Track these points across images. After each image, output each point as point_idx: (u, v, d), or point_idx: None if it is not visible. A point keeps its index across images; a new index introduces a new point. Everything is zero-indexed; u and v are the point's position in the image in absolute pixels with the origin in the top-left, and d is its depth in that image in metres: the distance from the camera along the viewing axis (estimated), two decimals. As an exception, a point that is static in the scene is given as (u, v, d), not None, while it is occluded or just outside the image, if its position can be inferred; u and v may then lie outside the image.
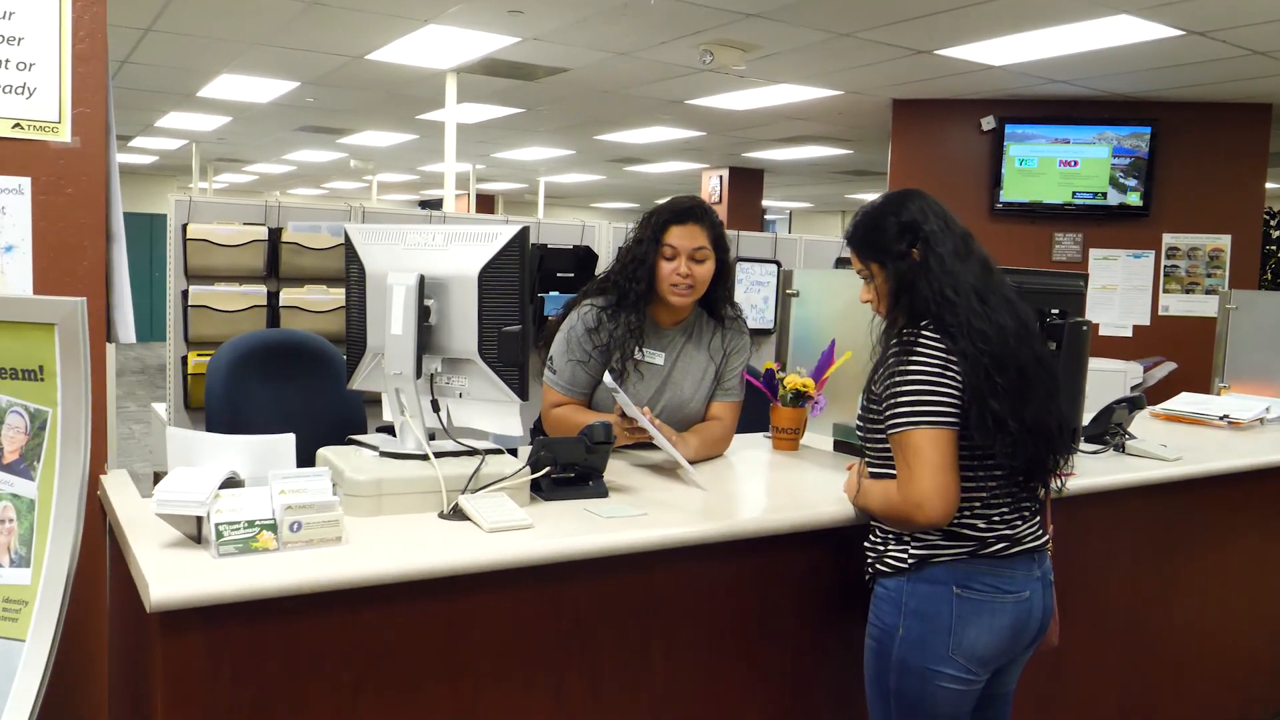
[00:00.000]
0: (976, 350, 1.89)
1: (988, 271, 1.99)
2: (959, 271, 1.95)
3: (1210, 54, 5.98)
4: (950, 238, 1.98)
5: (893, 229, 2.01)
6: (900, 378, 1.91)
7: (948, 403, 1.89)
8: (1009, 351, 1.91)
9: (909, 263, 1.99)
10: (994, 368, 1.88)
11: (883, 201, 2.07)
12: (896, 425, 1.91)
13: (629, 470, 2.48)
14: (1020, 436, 1.90)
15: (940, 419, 1.88)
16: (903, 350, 1.94)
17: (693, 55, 6.43)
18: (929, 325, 1.95)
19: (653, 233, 2.59)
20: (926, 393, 1.89)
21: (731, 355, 2.75)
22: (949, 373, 1.89)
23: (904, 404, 1.90)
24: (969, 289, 1.94)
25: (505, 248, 2.05)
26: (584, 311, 2.65)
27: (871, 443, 2.05)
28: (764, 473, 2.66)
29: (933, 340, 1.92)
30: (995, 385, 1.88)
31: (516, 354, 2.07)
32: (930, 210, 2.01)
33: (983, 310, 1.92)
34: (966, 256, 1.98)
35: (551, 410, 2.65)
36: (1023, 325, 1.96)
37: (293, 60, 7.20)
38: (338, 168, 15.16)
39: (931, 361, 1.90)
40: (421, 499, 1.98)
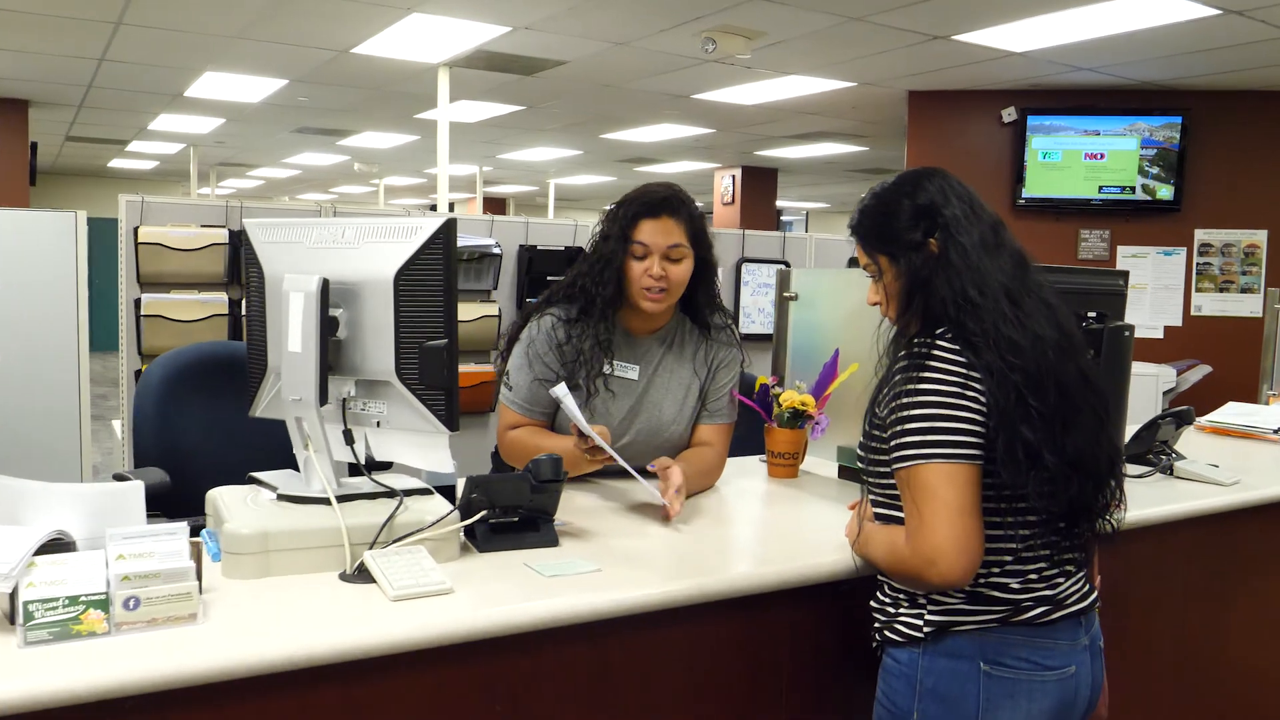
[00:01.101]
0: (1005, 365, 1.51)
1: (1022, 268, 1.61)
2: (986, 267, 1.57)
3: (1247, 36, 5.55)
4: (976, 225, 1.60)
5: (906, 214, 1.63)
6: (909, 399, 1.53)
7: (969, 430, 1.51)
8: (1047, 367, 1.53)
9: (925, 255, 1.61)
10: (1028, 387, 1.50)
11: (895, 181, 1.69)
12: (905, 459, 1.53)
13: (593, 506, 2.10)
14: (1059, 473, 1.51)
15: (959, 451, 1.50)
16: (913, 364, 1.56)
17: (695, 44, 6.05)
18: (946, 333, 1.57)
19: (620, 228, 2.22)
20: (942, 418, 1.51)
21: (719, 370, 2.37)
22: (970, 393, 1.52)
23: (914, 431, 1.52)
24: (998, 289, 1.55)
25: (426, 245, 1.68)
26: (544, 321, 2.27)
27: (875, 477, 1.67)
28: (755, 507, 2.27)
29: (950, 352, 1.55)
30: (1029, 409, 1.50)
31: (441, 374, 1.69)
32: (952, 191, 1.63)
33: (1014, 315, 1.54)
34: (996, 249, 1.60)
35: (508, 433, 2.27)
36: (1064, 335, 1.58)
37: (277, 55, 6.87)
38: (343, 172, 14.85)
39: (948, 379, 1.52)
40: (321, 556, 1.61)
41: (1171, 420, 2.78)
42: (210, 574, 1.55)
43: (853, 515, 1.82)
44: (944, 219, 1.60)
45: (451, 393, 1.70)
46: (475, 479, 1.75)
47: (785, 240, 5.58)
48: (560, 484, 1.79)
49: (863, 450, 1.70)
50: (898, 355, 1.61)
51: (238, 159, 13.85)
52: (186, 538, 1.43)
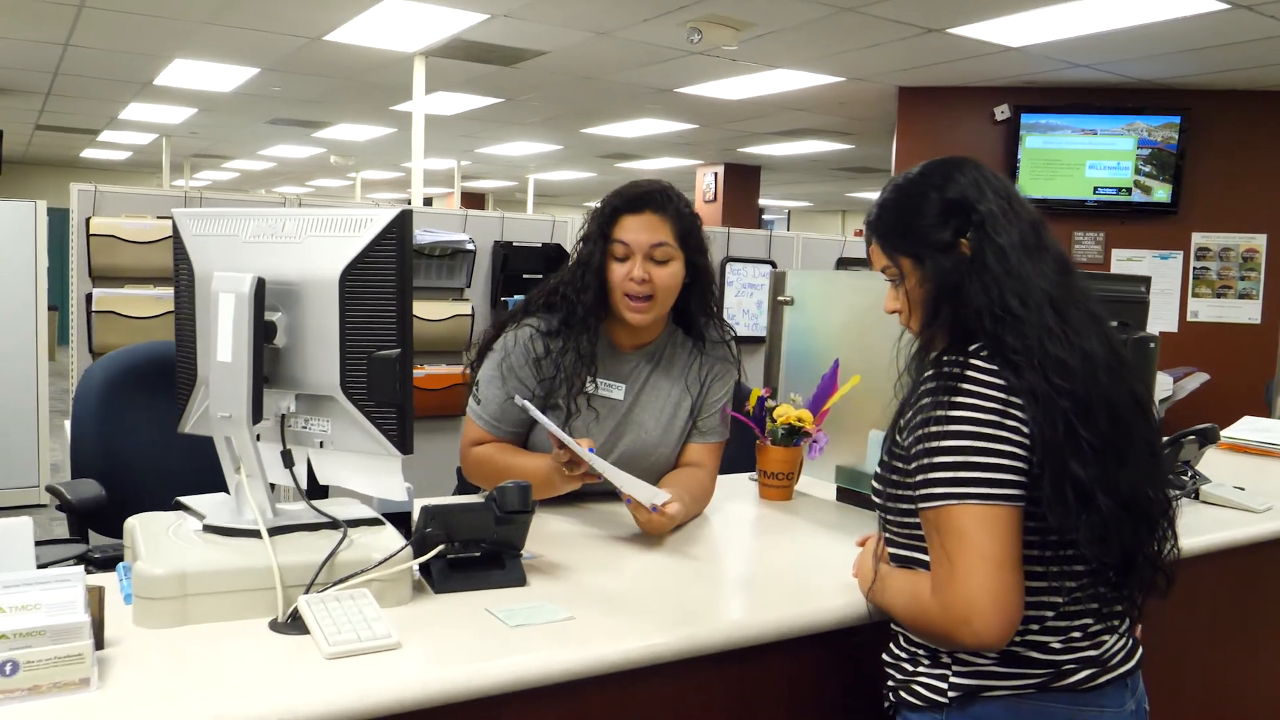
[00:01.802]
0: (1052, 388, 1.29)
1: (1066, 274, 1.40)
2: (1027, 272, 1.36)
3: (1252, 32, 5.38)
4: (1016, 224, 1.39)
5: (934, 209, 1.42)
6: (938, 427, 1.32)
7: (1009, 466, 1.29)
8: (1098, 391, 1.32)
9: (956, 258, 1.40)
10: (1078, 415, 1.30)
11: (921, 172, 1.47)
12: (933, 497, 1.32)
13: (568, 533, 1.88)
14: (1113, 516, 1.30)
15: (997, 491, 1.29)
16: (943, 386, 1.34)
17: (679, 35, 5.83)
18: (981, 350, 1.36)
19: (600, 226, 2.00)
20: (977, 451, 1.30)
21: (712, 385, 2.15)
22: (1010, 421, 1.30)
23: (944, 466, 1.31)
24: (1041, 298, 1.34)
25: (377, 240, 1.46)
26: (522, 332, 2.05)
27: (894, 514, 1.45)
28: (746, 537, 2.06)
29: (986, 373, 1.33)
30: (1079, 441, 1.29)
31: (393, 389, 1.47)
32: (988, 184, 1.42)
33: (1061, 329, 1.33)
34: (1038, 252, 1.39)
35: (472, 449, 2.05)
36: (1115, 353, 1.38)
37: (247, 42, 6.60)
38: (319, 164, 14.55)
39: (984, 404, 1.31)
40: (250, 600, 1.38)
41: (1195, 438, 2.58)
42: (120, 621, 1.33)
43: (862, 552, 1.61)
44: (978, 216, 1.39)
45: (404, 410, 1.48)
46: (431, 509, 1.52)
47: (771, 239, 5.37)
48: (529, 515, 1.57)
49: (880, 482, 1.48)
50: (923, 374, 1.39)
51: (212, 151, 13.53)
52: (82, 585, 1.20)
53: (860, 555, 1.62)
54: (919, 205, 1.43)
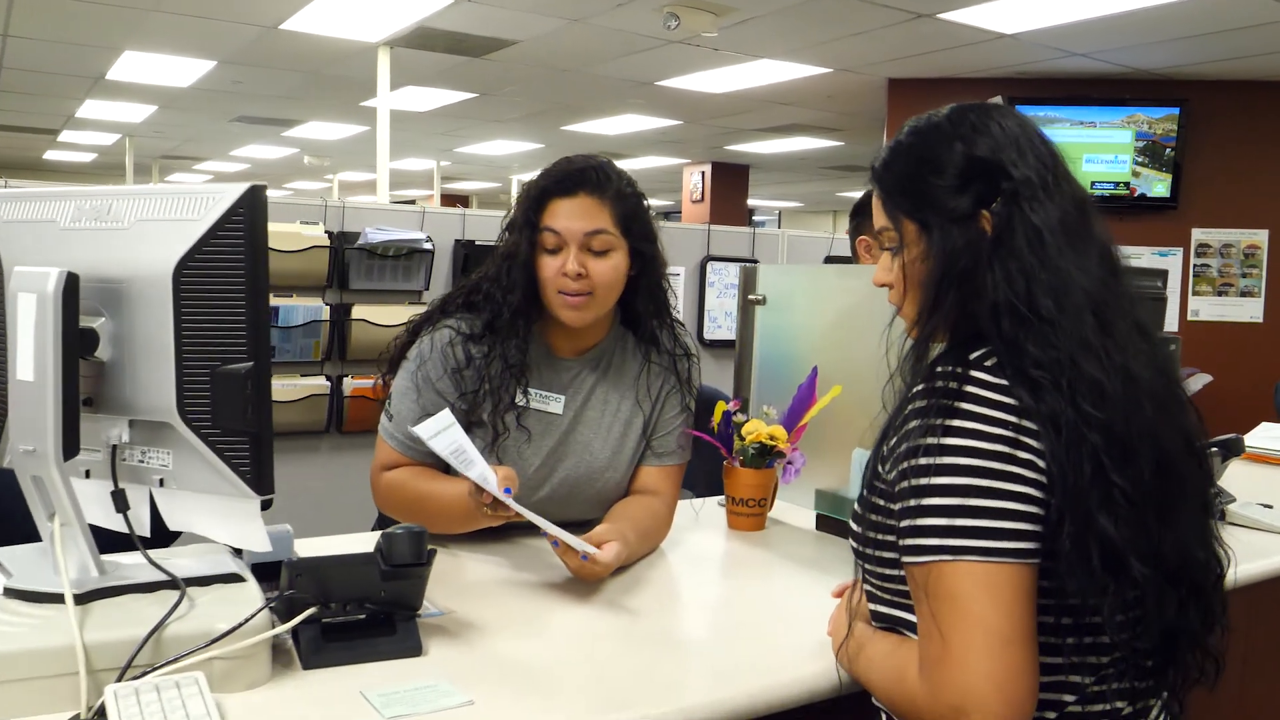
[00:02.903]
0: (1080, 418, 0.99)
1: (1113, 273, 1.09)
2: (1067, 266, 1.05)
3: (1251, 17, 5.11)
4: (1058, 199, 1.08)
5: (955, 166, 1.11)
6: (929, 459, 1.01)
7: (1019, 513, 0.99)
8: (1141, 427, 1.02)
9: (972, 234, 1.09)
10: (1112, 454, 0.99)
11: (951, 116, 1.15)
12: (921, 550, 1.01)
13: (488, 579, 1.57)
14: (1151, 587, 1.01)
15: (1004, 545, 0.99)
16: (937, 404, 1.03)
17: (656, 22, 5.52)
18: (988, 357, 1.05)
19: (526, 212, 1.69)
20: (979, 491, 0.99)
21: (668, 398, 1.84)
22: (1022, 454, 1.00)
23: (936, 511, 1.00)
24: (1082, 301, 1.04)
25: (220, 225, 1.14)
26: (439, 335, 1.74)
27: (875, 562, 1.14)
28: (704, 580, 1.74)
29: (994, 389, 1.02)
30: (1111, 489, 0.99)
31: (242, 412, 1.16)
32: (1031, 145, 1.11)
33: (1101, 345, 1.02)
34: (1083, 239, 1.08)
35: (383, 474, 1.74)
36: (1167, 381, 1.08)
37: (199, 32, 6.26)
38: (294, 166, 14.20)
39: (990, 432, 1.00)
40: (52, 690, 1.07)
41: (1219, 451, 2.28)
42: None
43: (838, 606, 1.30)
44: (1010, 184, 1.08)
45: (260, 441, 1.17)
46: (298, 562, 1.21)
47: (755, 237, 5.06)
48: (425, 568, 1.25)
49: (858, 523, 1.17)
50: (913, 386, 1.08)
51: (180, 151, 13.16)
52: None
53: (836, 610, 1.32)
54: (937, 157, 1.11)
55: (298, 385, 3.86)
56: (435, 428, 1.52)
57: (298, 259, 3.76)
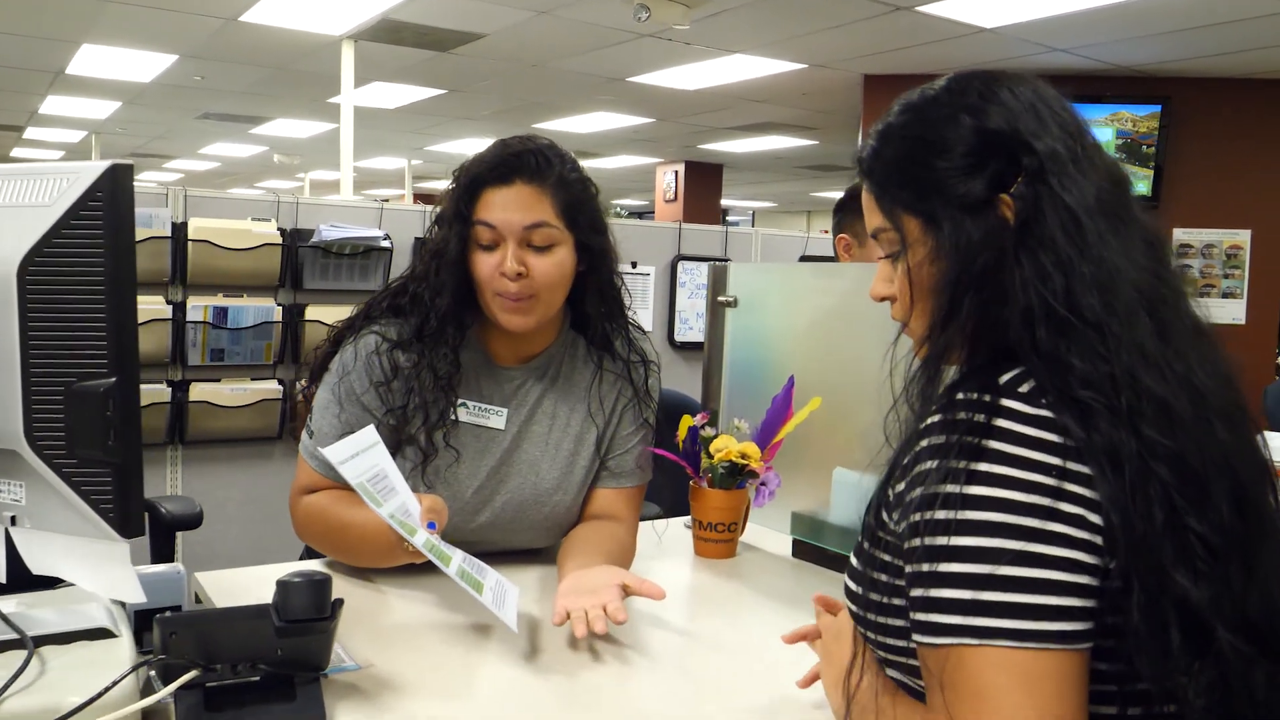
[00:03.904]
0: (1145, 448, 0.80)
1: (1161, 262, 0.90)
2: (1109, 254, 0.86)
3: (1232, 12, 4.99)
4: (1093, 174, 0.89)
5: (964, 143, 0.91)
6: (950, 513, 0.81)
7: (1067, 585, 0.79)
8: (1217, 455, 0.83)
9: (992, 223, 0.89)
10: (1187, 494, 0.80)
11: (950, 86, 0.96)
12: (937, 630, 0.81)
13: (417, 620, 1.38)
14: (1239, 660, 0.80)
15: (1045, 627, 0.78)
16: (960, 446, 0.83)
17: (626, 14, 5.33)
18: (1022, 380, 0.85)
19: (456, 204, 1.50)
20: (1014, 557, 0.79)
21: (625, 412, 1.66)
22: (1069, 508, 0.80)
23: (958, 580, 0.80)
24: (1133, 298, 0.85)
25: (75, 212, 0.95)
26: (363, 344, 1.55)
27: (879, 630, 0.93)
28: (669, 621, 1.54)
29: (1033, 423, 0.82)
30: (1188, 538, 0.79)
31: (102, 438, 0.96)
32: (1051, 112, 0.92)
33: (1161, 353, 0.84)
34: (1124, 222, 0.89)
35: (302, 500, 1.55)
36: (1232, 392, 0.88)
37: (157, 24, 6.03)
38: (265, 164, 13.94)
39: (1029, 480, 0.80)
40: None
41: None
42: None
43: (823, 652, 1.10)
44: (1034, 159, 0.88)
45: (126, 473, 0.97)
46: (173, 617, 1.01)
47: (728, 235, 4.89)
48: (328, 623, 1.06)
49: (856, 581, 0.97)
50: (928, 415, 0.88)
51: (148, 149, 12.88)
52: None
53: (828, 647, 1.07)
54: (940, 135, 0.92)
55: (248, 390, 3.66)
56: (353, 448, 1.33)
57: (248, 257, 3.56)
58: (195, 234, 3.40)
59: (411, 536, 1.29)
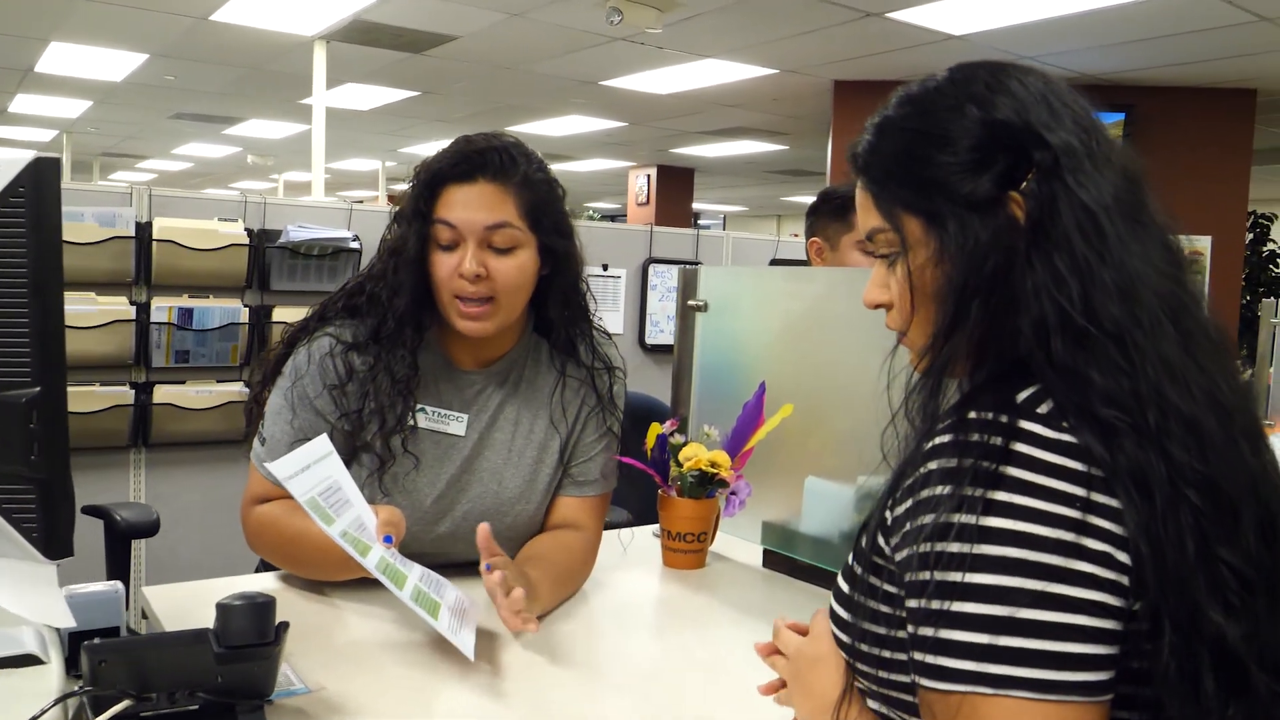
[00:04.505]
0: (1178, 475, 0.74)
1: (1178, 265, 0.83)
2: (1130, 258, 0.79)
3: (1197, 21, 5.03)
4: (1109, 170, 0.83)
5: (970, 136, 0.83)
6: (962, 547, 0.74)
7: (1088, 630, 0.72)
8: (1244, 478, 0.77)
9: (1001, 223, 0.82)
10: (1219, 520, 0.74)
11: (954, 77, 0.88)
12: (945, 675, 0.74)
13: (369, 637, 1.32)
14: (1274, 696, 0.74)
15: (1066, 677, 0.72)
16: (974, 471, 0.75)
17: (598, 17, 5.30)
18: (1039, 400, 0.78)
19: (416, 200, 1.45)
20: (1033, 598, 0.72)
21: (589, 419, 1.61)
22: (1093, 544, 0.73)
23: (969, 621, 0.73)
24: (1155, 305, 0.78)
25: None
26: (317, 346, 1.50)
27: (871, 661, 0.85)
28: (635, 636, 1.50)
29: (1054, 448, 0.75)
30: (1220, 572, 0.74)
31: (24, 453, 0.90)
32: (1064, 104, 0.85)
33: (1184, 365, 0.77)
34: (1141, 225, 0.82)
35: (254, 509, 1.49)
36: (1249, 406, 0.83)
37: (127, 23, 5.93)
38: (238, 165, 13.79)
39: (1050, 512, 0.73)
40: None
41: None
42: None
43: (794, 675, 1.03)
44: (1047, 153, 0.81)
45: (51, 490, 0.92)
46: (102, 645, 0.95)
47: (699, 239, 4.85)
48: (272, 648, 1.01)
49: (846, 607, 0.89)
50: (933, 434, 0.80)
51: (120, 149, 12.73)
52: None
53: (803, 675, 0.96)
54: (944, 128, 0.85)
55: (214, 392, 3.58)
56: (304, 460, 1.28)
57: (214, 258, 3.48)
58: (160, 234, 3.32)
59: (365, 555, 1.23)
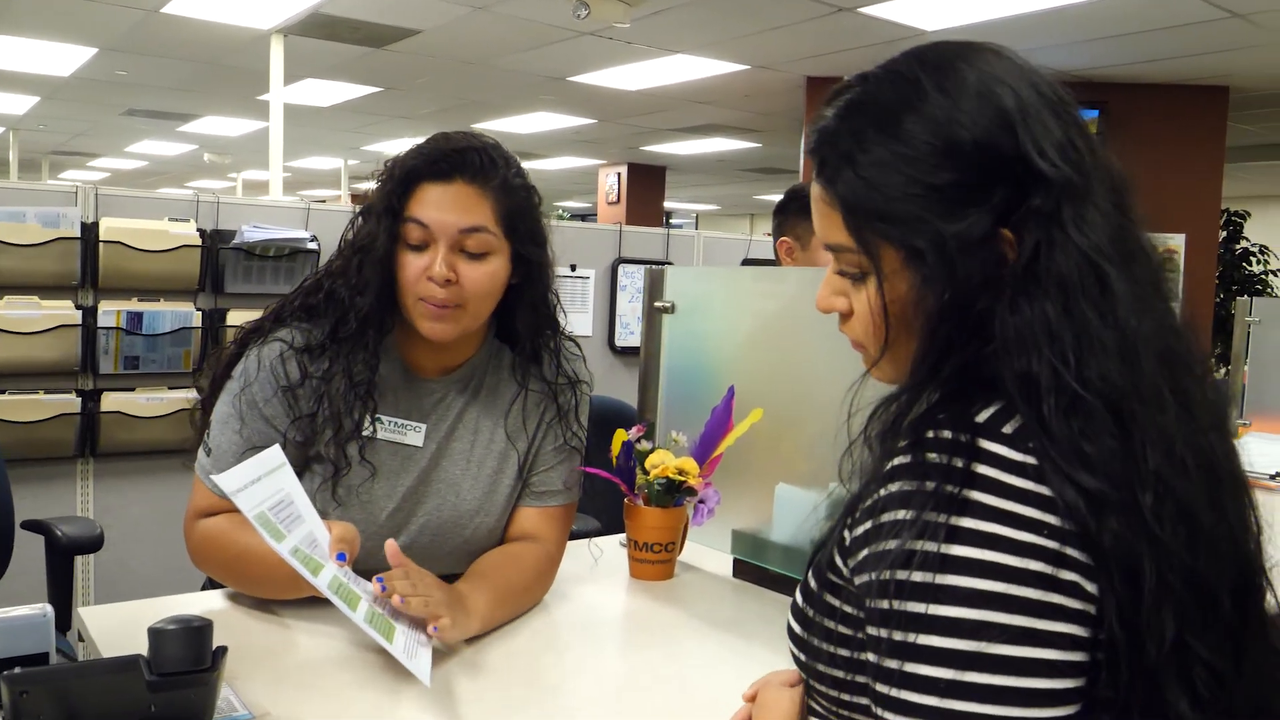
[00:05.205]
0: (1168, 566, 0.69)
1: (1164, 297, 0.77)
2: (1128, 313, 0.73)
3: (1170, 18, 5.03)
4: (1102, 198, 0.76)
5: (960, 165, 0.75)
6: (927, 575, 0.69)
7: (1058, 665, 0.68)
8: (1226, 558, 0.73)
9: (991, 257, 0.75)
10: (1197, 614, 0.70)
11: (936, 85, 0.77)
12: (907, 710, 0.70)
13: (321, 659, 1.25)
14: None
15: (1035, 715, 0.67)
16: (937, 496, 0.70)
17: (565, 11, 5.21)
18: (1004, 418, 0.73)
19: (387, 197, 1.38)
20: (1003, 633, 0.67)
21: (549, 429, 1.54)
22: (1066, 574, 0.68)
23: (934, 655, 0.69)
24: (1154, 367, 0.73)
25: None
26: (268, 350, 1.42)
27: (827, 682, 0.82)
28: (599, 653, 1.43)
29: (1019, 472, 0.70)
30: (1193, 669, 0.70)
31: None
32: (1058, 118, 0.77)
33: (1180, 433, 0.72)
34: (1135, 260, 0.76)
35: (198, 524, 1.42)
36: (1236, 457, 0.78)
37: (73, 15, 5.78)
38: (195, 164, 13.57)
39: (1023, 542, 0.69)
40: None
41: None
42: None
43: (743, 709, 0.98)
44: (1049, 189, 0.74)
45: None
46: (24, 674, 0.88)
47: (669, 238, 4.79)
48: (209, 674, 0.94)
49: (803, 625, 0.84)
50: (892, 458, 0.75)
51: (71, 147, 12.48)
52: None
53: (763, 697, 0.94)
54: (931, 148, 0.75)
55: (165, 399, 3.48)
56: (254, 472, 1.21)
57: (165, 259, 3.38)
58: (107, 235, 3.21)
59: (317, 574, 1.16)
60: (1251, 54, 5.63)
